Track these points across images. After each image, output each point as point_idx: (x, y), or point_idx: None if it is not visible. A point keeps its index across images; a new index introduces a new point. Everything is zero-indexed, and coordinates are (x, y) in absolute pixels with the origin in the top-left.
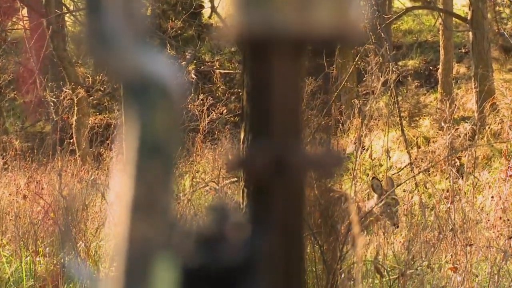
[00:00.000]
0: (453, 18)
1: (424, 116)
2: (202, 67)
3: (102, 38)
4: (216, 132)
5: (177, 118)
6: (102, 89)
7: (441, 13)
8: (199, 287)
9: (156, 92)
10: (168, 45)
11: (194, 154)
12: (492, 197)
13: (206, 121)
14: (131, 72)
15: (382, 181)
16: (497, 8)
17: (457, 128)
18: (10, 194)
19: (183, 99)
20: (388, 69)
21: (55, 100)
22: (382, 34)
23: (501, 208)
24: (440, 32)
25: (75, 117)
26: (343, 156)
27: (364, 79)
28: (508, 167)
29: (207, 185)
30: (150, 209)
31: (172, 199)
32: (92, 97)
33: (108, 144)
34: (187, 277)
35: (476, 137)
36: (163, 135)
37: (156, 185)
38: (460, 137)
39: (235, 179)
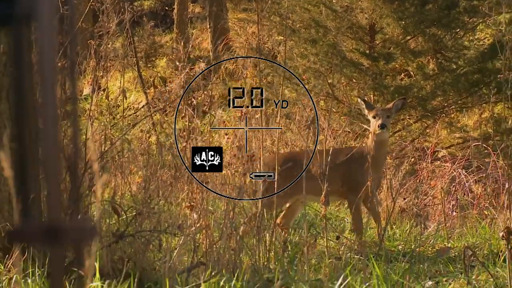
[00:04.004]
0: None
1: (161, 56)
2: None
3: None
4: None
5: None
6: None
7: None
8: None
9: None
10: None
11: None
12: (227, 134)
13: None
14: None
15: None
16: None
17: (193, 68)
18: None
19: None
20: (123, 9)
21: None
22: None
23: (236, 146)
24: None
25: None
26: (94, 229)
27: (99, 19)
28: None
29: None
30: None
31: None
32: None
33: None
34: None
35: (212, 76)
36: None
37: None
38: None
39: None
